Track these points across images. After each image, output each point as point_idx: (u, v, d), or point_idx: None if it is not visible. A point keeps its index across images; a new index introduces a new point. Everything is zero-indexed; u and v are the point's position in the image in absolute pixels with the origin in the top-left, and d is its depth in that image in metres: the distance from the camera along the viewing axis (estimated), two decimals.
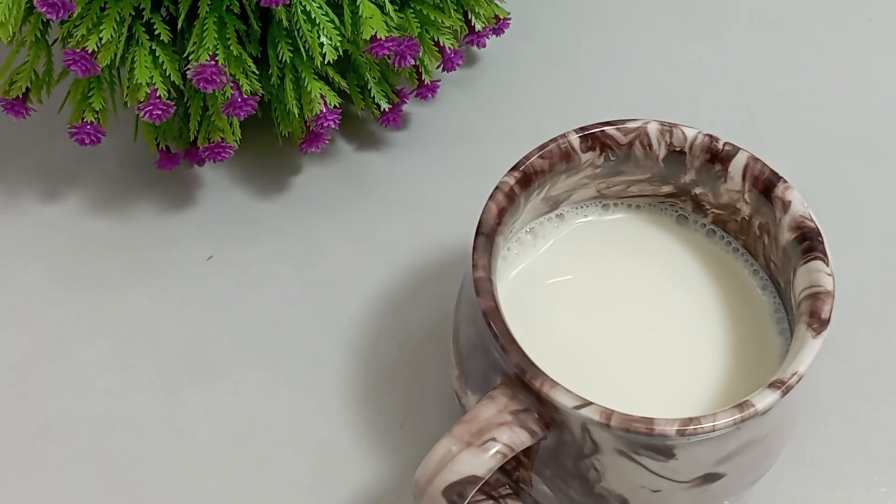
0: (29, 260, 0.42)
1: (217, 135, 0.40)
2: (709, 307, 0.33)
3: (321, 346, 0.40)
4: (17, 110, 0.39)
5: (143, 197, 0.44)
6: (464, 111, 0.46)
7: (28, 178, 0.44)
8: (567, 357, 0.32)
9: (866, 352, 0.39)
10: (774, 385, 0.28)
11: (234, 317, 0.41)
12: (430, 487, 0.28)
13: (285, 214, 0.43)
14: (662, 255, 0.35)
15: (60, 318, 0.41)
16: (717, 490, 0.30)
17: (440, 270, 0.42)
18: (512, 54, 0.48)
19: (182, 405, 0.39)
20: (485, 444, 0.28)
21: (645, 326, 0.33)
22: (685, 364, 0.32)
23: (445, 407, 0.38)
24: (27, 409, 0.38)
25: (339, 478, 0.37)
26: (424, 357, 0.39)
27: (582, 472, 0.30)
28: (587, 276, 0.34)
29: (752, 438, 0.30)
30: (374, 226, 0.43)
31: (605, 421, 0.28)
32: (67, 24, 0.38)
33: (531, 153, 0.33)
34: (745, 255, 0.34)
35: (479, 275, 0.30)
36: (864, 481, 0.37)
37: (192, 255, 0.42)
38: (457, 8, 0.42)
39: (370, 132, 0.46)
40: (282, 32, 0.39)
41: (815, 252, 0.31)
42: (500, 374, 0.30)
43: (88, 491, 0.37)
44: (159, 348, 0.40)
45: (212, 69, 0.36)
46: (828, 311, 0.30)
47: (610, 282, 0.34)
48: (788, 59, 0.48)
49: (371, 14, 0.38)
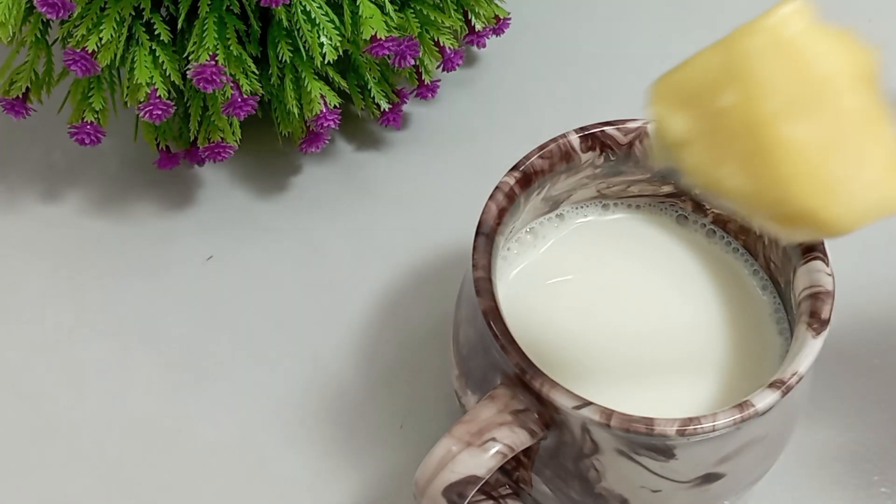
0: (29, 260, 0.42)
1: (217, 135, 0.40)
2: (709, 307, 0.33)
3: (321, 346, 0.40)
4: (17, 110, 0.39)
5: (143, 197, 0.44)
6: (464, 111, 0.46)
7: (28, 178, 0.44)
8: (567, 357, 0.32)
9: (866, 352, 0.39)
10: (774, 385, 0.28)
11: (234, 317, 0.41)
12: (430, 487, 0.28)
13: (285, 214, 0.43)
14: (662, 255, 0.35)
15: (60, 318, 0.41)
16: (717, 490, 0.30)
17: (440, 270, 0.42)
18: (512, 54, 0.48)
19: (182, 405, 0.39)
20: (485, 444, 0.28)
21: (645, 326, 0.33)
22: (685, 364, 0.32)
23: (445, 407, 0.38)
24: (27, 409, 0.38)
25: (339, 478, 0.37)
26: (424, 357, 0.39)
27: (582, 472, 0.30)
28: (587, 276, 0.34)
29: (752, 438, 0.30)
30: (374, 226, 0.43)
31: (605, 421, 0.28)
32: (67, 24, 0.38)
33: (531, 153, 0.33)
34: (745, 255, 0.34)
35: (479, 275, 0.30)
36: (864, 481, 0.37)
37: (192, 255, 0.42)
38: (457, 8, 0.42)
39: (370, 132, 0.46)
40: (282, 32, 0.39)
41: (815, 252, 0.31)
42: (500, 374, 0.30)
43: (88, 491, 0.37)
44: (159, 348, 0.40)
45: (212, 69, 0.36)
46: (828, 311, 0.30)
47: (610, 282, 0.34)
48: None
49: (371, 14, 0.38)
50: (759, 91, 0.22)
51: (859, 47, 0.23)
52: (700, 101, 0.23)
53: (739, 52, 0.22)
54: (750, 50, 0.22)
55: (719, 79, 0.23)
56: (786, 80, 0.22)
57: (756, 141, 0.22)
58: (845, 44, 0.22)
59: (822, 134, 0.22)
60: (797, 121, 0.22)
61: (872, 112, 0.22)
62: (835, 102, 0.22)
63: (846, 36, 0.23)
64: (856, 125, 0.22)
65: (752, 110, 0.22)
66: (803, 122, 0.22)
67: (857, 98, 0.22)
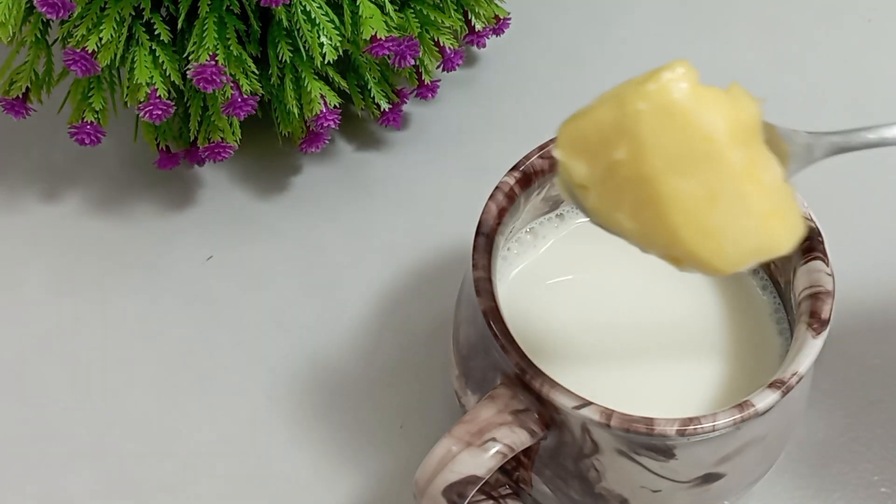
0: (29, 260, 0.42)
1: (217, 135, 0.40)
2: (709, 307, 0.33)
3: (321, 346, 0.40)
4: (17, 110, 0.39)
5: (143, 197, 0.44)
6: (464, 111, 0.46)
7: (28, 178, 0.44)
8: (567, 357, 0.32)
9: (866, 352, 0.39)
10: (774, 385, 0.28)
11: (234, 317, 0.41)
12: (430, 487, 0.28)
13: (285, 214, 0.43)
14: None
15: (60, 318, 0.41)
16: (717, 490, 0.30)
17: (440, 270, 0.42)
18: (512, 54, 0.48)
19: (182, 405, 0.39)
20: (485, 444, 0.28)
21: (645, 326, 0.33)
22: (685, 364, 0.32)
23: (445, 407, 0.38)
24: (27, 409, 0.38)
25: (340, 478, 0.37)
26: (424, 357, 0.39)
27: (582, 472, 0.30)
28: (587, 276, 0.34)
29: (752, 438, 0.30)
30: (374, 226, 0.43)
31: (605, 421, 0.28)
32: (67, 24, 0.38)
33: (531, 153, 0.33)
34: None
35: (479, 275, 0.30)
36: (864, 481, 0.37)
37: (192, 255, 0.42)
38: (457, 8, 0.42)
39: (370, 132, 0.46)
40: (282, 32, 0.39)
41: (815, 252, 0.31)
42: (500, 374, 0.30)
43: (88, 491, 0.37)
44: (159, 348, 0.40)
45: (212, 69, 0.36)
46: (828, 311, 0.30)
47: (610, 282, 0.34)
48: (788, 59, 0.48)
49: (371, 14, 0.38)
50: (647, 150, 0.24)
51: (742, 103, 0.25)
52: (596, 153, 0.25)
53: (628, 113, 0.24)
54: (637, 112, 0.24)
55: (611, 135, 0.25)
56: (670, 140, 0.24)
57: (646, 193, 0.25)
58: (727, 102, 0.24)
59: (704, 187, 0.24)
60: (681, 176, 0.24)
61: (753, 164, 0.24)
62: (716, 159, 0.24)
63: (731, 92, 0.25)
64: (736, 178, 0.24)
65: (641, 166, 0.24)
66: (687, 177, 0.24)
67: (737, 153, 0.24)
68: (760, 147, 0.25)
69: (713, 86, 0.25)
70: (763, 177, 0.25)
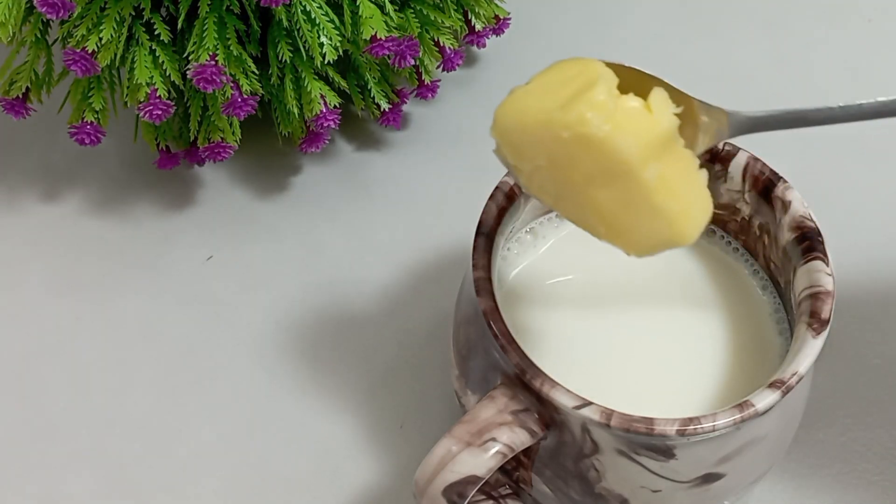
0: (29, 260, 0.42)
1: (217, 135, 0.40)
2: (709, 307, 0.33)
3: (321, 346, 0.40)
4: (17, 110, 0.39)
5: (143, 197, 0.44)
6: (464, 111, 0.46)
7: (28, 178, 0.44)
8: (567, 357, 0.32)
9: (866, 352, 0.39)
10: (774, 385, 0.28)
11: (234, 317, 0.41)
12: (430, 487, 0.28)
13: (285, 214, 0.43)
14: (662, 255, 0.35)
15: (60, 318, 0.41)
16: (718, 490, 0.30)
17: (440, 270, 0.42)
18: (512, 54, 0.48)
19: (182, 405, 0.39)
20: (485, 444, 0.28)
21: (645, 326, 0.33)
22: (685, 364, 0.32)
23: (445, 407, 0.38)
24: (27, 409, 0.38)
25: (339, 478, 0.37)
26: (424, 357, 0.39)
27: (582, 472, 0.30)
28: (587, 276, 0.34)
29: (752, 438, 0.30)
30: (374, 226, 0.43)
31: (605, 421, 0.28)
32: (67, 24, 0.38)
33: None
34: (745, 255, 0.34)
35: (478, 275, 0.30)
36: (864, 481, 0.37)
37: (192, 255, 0.42)
38: (457, 8, 0.42)
39: (370, 132, 0.46)
40: (282, 32, 0.39)
41: (815, 252, 0.31)
42: (500, 374, 0.30)
43: (88, 491, 0.37)
44: (159, 348, 0.40)
45: (212, 69, 0.36)
46: (828, 311, 0.30)
47: (610, 282, 0.34)
48: (788, 59, 0.48)
49: (371, 14, 0.38)
50: (566, 168, 0.27)
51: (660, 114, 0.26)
52: (522, 154, 0.28)
53: (552, 135, 0.26)
54: (558, 138, 0.26)
55: (537, 146, 0.27)
56: (588, 163, 0.26)
57: (565, 193, 0.28)
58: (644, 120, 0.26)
59: (619, 198, 0.27)
60: (598, 188, 0.27)
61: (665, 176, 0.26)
62: (630, 177, 0.26)
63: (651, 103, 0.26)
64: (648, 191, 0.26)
65: (561, 177, 0.27)
66: (604, 189, 0.27)
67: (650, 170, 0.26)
68: (677, 149, 0.27)
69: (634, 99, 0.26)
70: (675, 182, 0.27)
